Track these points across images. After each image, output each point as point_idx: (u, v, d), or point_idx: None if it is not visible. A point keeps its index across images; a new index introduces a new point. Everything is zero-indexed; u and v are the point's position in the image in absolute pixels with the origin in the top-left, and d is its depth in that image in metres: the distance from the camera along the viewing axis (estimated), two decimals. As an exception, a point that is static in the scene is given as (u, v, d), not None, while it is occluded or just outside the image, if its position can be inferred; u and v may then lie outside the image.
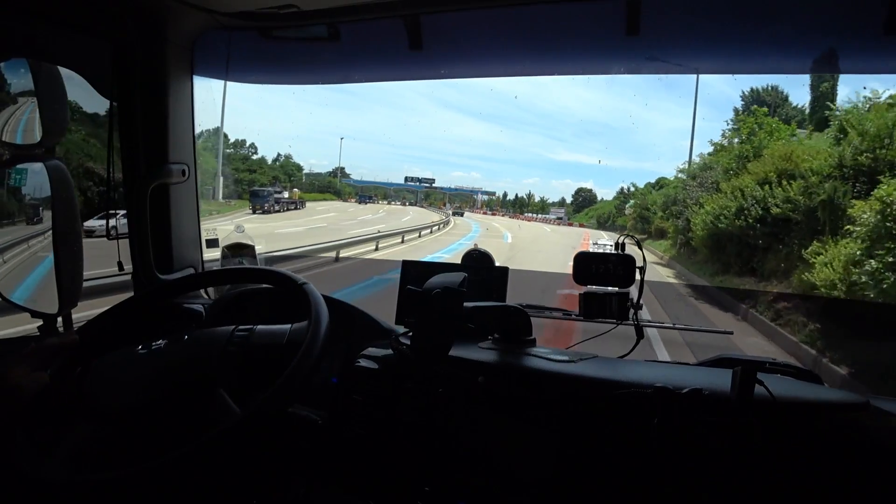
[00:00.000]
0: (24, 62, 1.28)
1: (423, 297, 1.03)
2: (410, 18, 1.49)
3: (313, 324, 0.95)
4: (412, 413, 1.18)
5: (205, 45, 1.59)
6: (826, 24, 1.36)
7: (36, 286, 1.27)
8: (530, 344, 1.29)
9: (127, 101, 1.51)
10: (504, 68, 1.84)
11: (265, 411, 0.84)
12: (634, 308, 1.26)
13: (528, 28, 1.53)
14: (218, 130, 14.49)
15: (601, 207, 34.11)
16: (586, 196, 38.64)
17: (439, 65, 1.76)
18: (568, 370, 1.12)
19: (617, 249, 1.27)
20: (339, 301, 1.40)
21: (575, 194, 39.96)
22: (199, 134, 1.67)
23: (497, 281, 1.45)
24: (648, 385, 0.97)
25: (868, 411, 0.98)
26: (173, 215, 1.60)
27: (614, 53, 1.60)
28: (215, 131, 14.14)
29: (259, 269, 1.27)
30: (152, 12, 1.43)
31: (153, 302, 1.21)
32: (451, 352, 1.07)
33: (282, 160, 34.01)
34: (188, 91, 1.61)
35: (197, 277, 1.57)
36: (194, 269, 1.70)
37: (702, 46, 1.57)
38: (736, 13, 1.38)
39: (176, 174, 1.56)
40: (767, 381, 0.94)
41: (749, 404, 0.91)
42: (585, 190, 39.98)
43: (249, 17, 1.50)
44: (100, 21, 1.42)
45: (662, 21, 1.41)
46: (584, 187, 40.80)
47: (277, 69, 1.94)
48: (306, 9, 1.41)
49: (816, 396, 1.02)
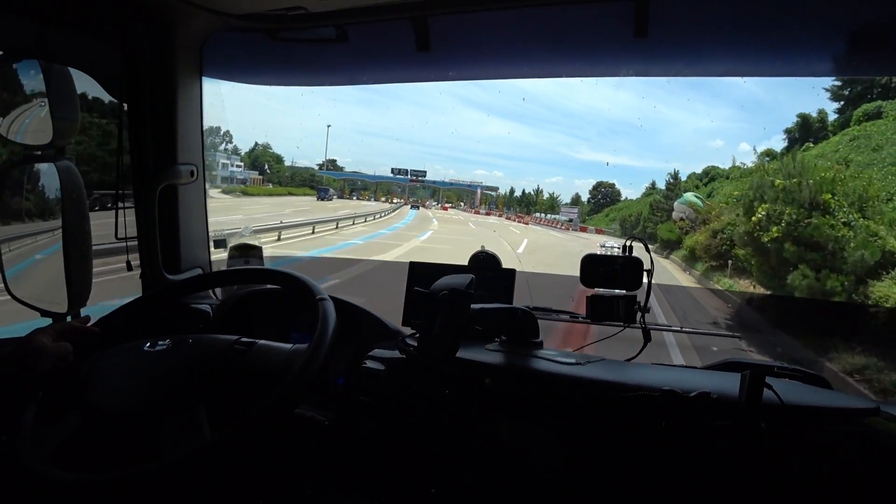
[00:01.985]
0: (36, 63, 1.29)
1: (431, 298, 1.04)
2: (418, 20, 1.49)
3: (312, 350, 0.93)
4: (418, 414, 1.18)
5: (213, 46, 1.59)
6: (835, 26, 1.35)
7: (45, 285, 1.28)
8: (537, 346, 1.29)
9: (136, 102, 1.52)
10: (511, 70, 1.84)
11: (241, 431, 0.83)
12: (642, 311, 1.26)
13: (536, 30, 1.53)
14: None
15: (626, 207, 26.95)
16: (607, 192, 31.26)
17: (447, 66, 1.76)
18: (575, 372, 1.12)
19: (624, 252, 1.27)
20: (347, 302, 1.40)
21: (593, 190, 31.84)
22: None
23: (504, 283, 1.45)
24: (656, 388, 0.97)
25: (878, 417, 0.97)
26: (181, 216, 1.61)
27: (622, 55, 1.60)
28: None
29: (266, 270, 1.28)
30: (161, 14, 1.44)
31: (161, 302, 1.22)
32: (458, 353, 1.07)
33: (258, 150, 31.33)
34: (197, 92, 1.62)
35: (205, 278, 1.57)
36: (202, 270, 1.70)
37: (710, 49, 1.56)
38: (743, 15, 1.37)
39: (185, 175, 1.56)
40: (776, 385, 0.93)
41: (757, 408, 0.91)
42: (606, 185, 31.62)
43: (258, 19, 1.51)
44: (109, 22, 1.43)
45: (670, 23, 1.40)
46: (604, 182, 32.17)
47: (285, 70, 1.95)
48: (314, 10, 1.41)
49: (826, 401, 1.02)
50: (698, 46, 1.55)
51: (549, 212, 32.27)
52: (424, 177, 36.62)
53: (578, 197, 32.99)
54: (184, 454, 0.79)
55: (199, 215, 1.70)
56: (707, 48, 1.56)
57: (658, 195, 21.05)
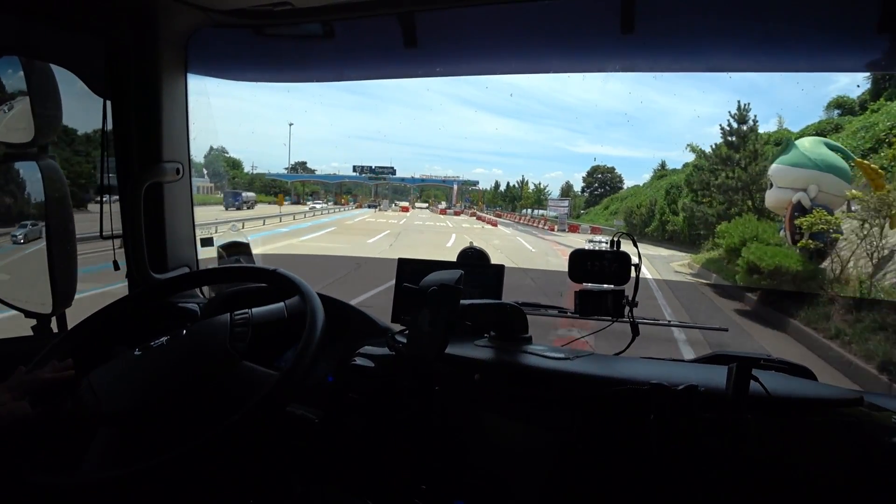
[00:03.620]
0: (16, 60, 1.27)
1: (420, 294, 1.04)
2: (405, 16, 1.49)
3: (302, 347, 0.94)
4: (408, 411, 1.18)
5: (199, 42, 1.58)
6: (820, 22, 1.37)
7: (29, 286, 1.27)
8: (526, 341, 1.30)
9: (121, 99, 1.50)
10: (498, 66, 1.84)
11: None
12: (630, 305, 1.27)
13: (523, 25, 1.53)
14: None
15: (632, 196, 21.24)
16: (606, 179, 24.82)
17: (434, 62, 1.76)
18: (564, 367, 1.13)
19: (612, 247, 1.28)
20: (335, 299, 1.40)
21: (588, 176, 24.95)
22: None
23: (493, 278, 1.45)
24: (644, 382, 0.98)
25: (862, 406, 0.99)
26: (167, 214, 1.59)
27: (609, 51, 1.60)
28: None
29: (254, 268, 1.27)
30: (146, 10, 1.42)
31: (148, 301, 1.21)
32: (448, 349, 1.07)
33: (210, 156, 25.73)
34: (182, 89, 1.60)
35: (192, 276, 1.56)
36: (189, 268, 1.69)
37: (696, 44, 1.57)
38: (729, 11, 1.38)
39: (170, 173, 1.55)
40: (762, 377, 0.94)
41: (744, 400, 0.92)
42: (605, 169, 24.95)
43: (243, 15, 1.49)
44: (93, 18, 1.41)
45: (657, 19, 1.41)
46: (601, 166, 25.49)
47: (272, 67, 1.93)
48: (300, 6, 1.40)
49: (811, 392, 1.03)
50: (684, 42, 1.56)
51: (537, 206, 27.21)
52: (394, 174, 32.61)
53: (570, 187, 27.36)
54: (166, 457, 0.79)
55: (186, 213, 1.68)
56: (693, 43, 1.57)
57: (700, 159, 12.94)
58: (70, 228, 1.24)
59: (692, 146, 14.13)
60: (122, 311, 1.14)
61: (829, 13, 1.34)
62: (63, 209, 1.24)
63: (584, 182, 25.58)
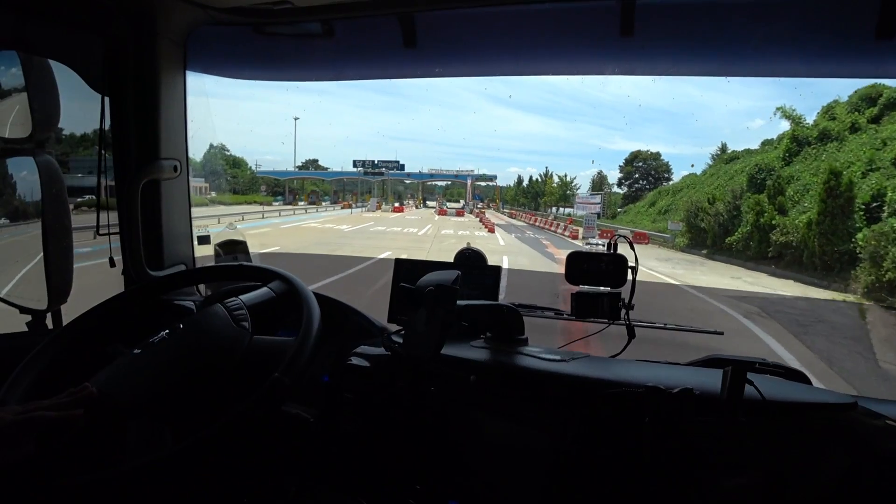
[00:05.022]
0: (14, 55, 1.27)
1: (417, 294, 1.03)
2: (405, 16, 1.49)
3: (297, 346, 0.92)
4: (404, 411, 1.18)
5: (198, 40, 1.58)
6: (819, 28, 1.37)
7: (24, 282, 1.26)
8: (522, 343, 1.30)
9: (119, 95, 1.50)
10: (497, 67, 1.84)
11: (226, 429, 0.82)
12: (626, 308, 1.27)
13: (522, 27, 1.54)
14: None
15: (688, 189, 15.84)
16: (650, 168, 20.09)
17: (433, 63, 1.76)
18: (559, 369, 1.13)
19: (609, 249, 1.28)
20: (332, 299, 1.40)
21: (626, 164, 20.38)
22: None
23: (490, 279, 1.45)
24: (640, 385, 0.98)
25: (855, 411, 0.99)
26: (164, 211, 1.59)
27: (608, 54, 1.61)
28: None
29: (250, 267, 1.26)
30: (145, 7, 1.42)
31: (143, 298, 1.20)
32: (444, 350, 1.07)
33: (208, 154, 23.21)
34: (181, 86, 1.60)
35: (189, 274, 1.55)
36: (186, 266, 1.69)
37: (695, 48, 1.57)
38: (729, 15, 1.39)
39: (167, 170, 1.54)
40: (757, 381, 0.94)
41: (739, 404, 0.92)
42: (648, 156, 20.25)
43: (243, 13, 1.49)
44: (92, 15, 1.41)
45: (656, 22, 1.42)
46: (643, 152, 20.72)
47: (271, 65, 1.93)
48: (300, 5, 1.40)
49: (805, 397, 1.03)
50: (684, 45, 1.56)
51: (563, 203, 22.18)
52: (401, 169, 28.18)
53: (603, 178, 21.18)
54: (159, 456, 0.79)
55: (183, 211, 1.68)
56: (692, 47, 1.57)
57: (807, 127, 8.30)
58: (66, 224, 1.23)
59: (783, 109, 11.48)
60: (118, 308, 1.14)
61: (827, 19, 1.34)
62: (60, 205, 1.23)
63: (620, 173, 20.46)
